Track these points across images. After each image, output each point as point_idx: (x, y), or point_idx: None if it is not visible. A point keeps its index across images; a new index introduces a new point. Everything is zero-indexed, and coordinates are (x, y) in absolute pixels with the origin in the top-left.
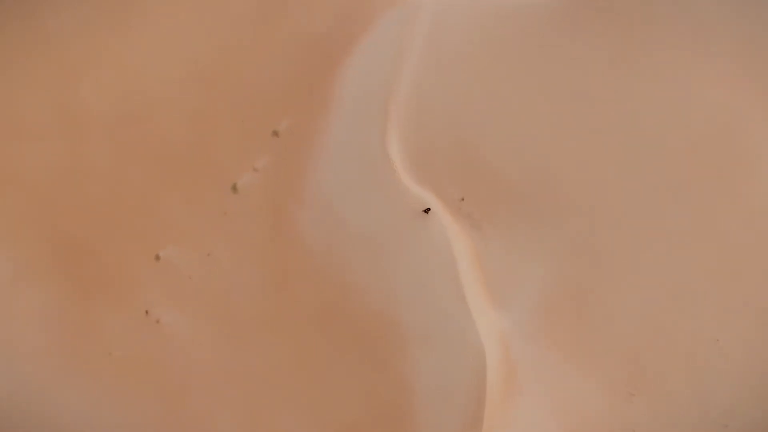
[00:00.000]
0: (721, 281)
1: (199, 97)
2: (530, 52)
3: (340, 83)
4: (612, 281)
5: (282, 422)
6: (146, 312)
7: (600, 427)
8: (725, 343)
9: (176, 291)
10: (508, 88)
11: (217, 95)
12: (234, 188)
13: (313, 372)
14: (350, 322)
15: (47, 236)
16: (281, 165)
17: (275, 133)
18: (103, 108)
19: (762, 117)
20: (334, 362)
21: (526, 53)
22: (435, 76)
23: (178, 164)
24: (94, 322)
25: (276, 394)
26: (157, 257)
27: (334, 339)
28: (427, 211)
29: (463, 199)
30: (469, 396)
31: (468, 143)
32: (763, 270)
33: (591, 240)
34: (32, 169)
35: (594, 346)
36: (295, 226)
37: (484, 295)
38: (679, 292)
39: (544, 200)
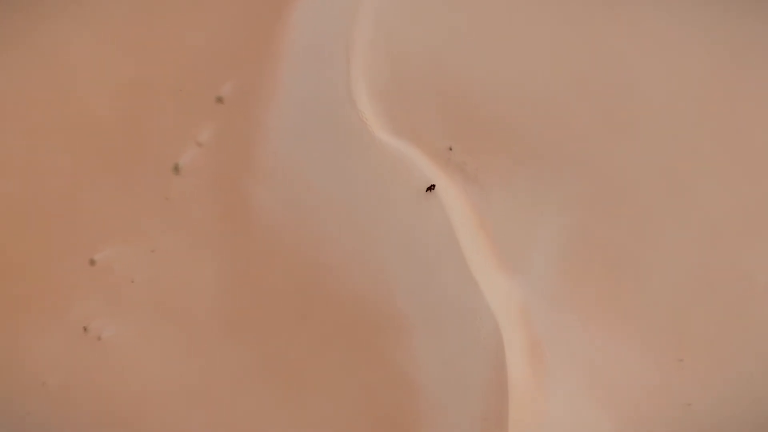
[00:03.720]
0: None
1: (127, 66)
2: None
3: (290, 30)
4: (639, 228)
5: None
6: (84, 328)
7: (651, 403)
8: None
9: (118, 299)
10: (493, 12)
11: (148, 62)
12: (175, 169)
13: (294, 375)
14: (333, 311)
15: None
16: (229, 136)
17: (219, 99)
18: (14, 88)
19: None
20: (318, 361)
21: None
22: (403, 5)
23: (107, 146)
24: (22, 346)
25: (252, 406)
26: (92, 261)
27: (316, 334)
28: (431, 188)
29: (451, 149)
30: (488, 388)
31: (450, 81)
32: None
33: (610, 182)
34: None
35: (628, 306)
36: (252, 205)
37: (491, 261)
38: (722, 234)
39: (547, 140)
